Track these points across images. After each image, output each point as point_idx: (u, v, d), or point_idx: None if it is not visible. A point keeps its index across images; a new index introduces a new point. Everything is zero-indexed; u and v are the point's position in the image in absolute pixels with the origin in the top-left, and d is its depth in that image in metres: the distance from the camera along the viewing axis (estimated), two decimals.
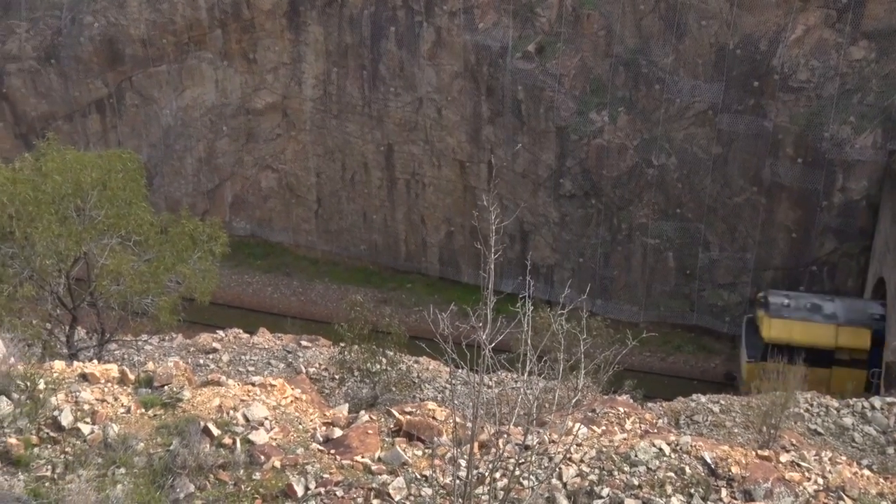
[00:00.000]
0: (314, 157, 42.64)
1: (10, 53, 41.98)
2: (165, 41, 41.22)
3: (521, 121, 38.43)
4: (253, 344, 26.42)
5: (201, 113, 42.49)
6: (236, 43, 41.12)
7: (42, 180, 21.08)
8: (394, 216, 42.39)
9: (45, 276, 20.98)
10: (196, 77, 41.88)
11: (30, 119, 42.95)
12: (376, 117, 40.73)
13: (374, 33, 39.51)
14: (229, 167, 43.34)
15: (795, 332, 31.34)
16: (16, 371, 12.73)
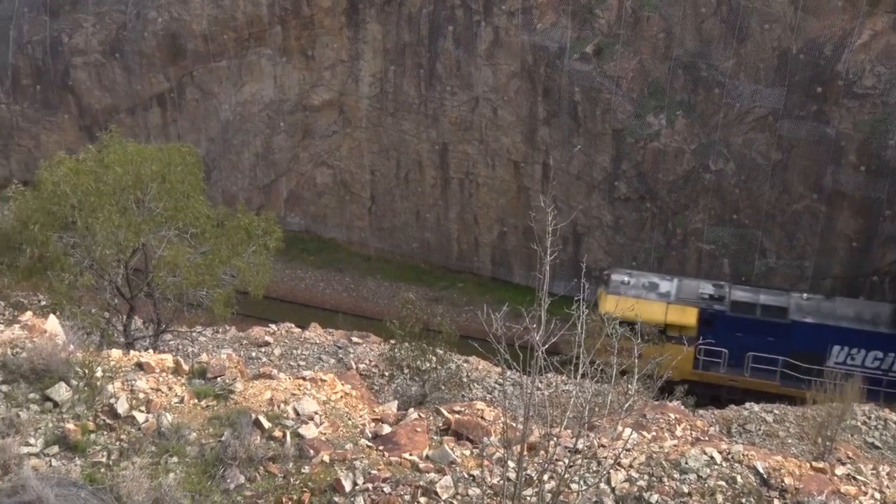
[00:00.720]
0: (369, 155, 42.85)
1: (77, 47, 42.83)
2: (226, 37, 41.73)
3: (577, 122, 38.19)
4: (304, 338, 26.64)
5: (259, 108, 42.94)
6: (295, 40, 41.47)
7: (104, 172, 21.43)
8: (447, 215, 42.43)
9: (104, 266, 21.35)
10: (255, 73, 42.34)
11: (94, 111, 43.78)
12: (432, 116, 40.80)
13: (432, 32, 39.58)
14: (285, 163, 43.74)
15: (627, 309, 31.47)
16: (75, 358, 12.98)
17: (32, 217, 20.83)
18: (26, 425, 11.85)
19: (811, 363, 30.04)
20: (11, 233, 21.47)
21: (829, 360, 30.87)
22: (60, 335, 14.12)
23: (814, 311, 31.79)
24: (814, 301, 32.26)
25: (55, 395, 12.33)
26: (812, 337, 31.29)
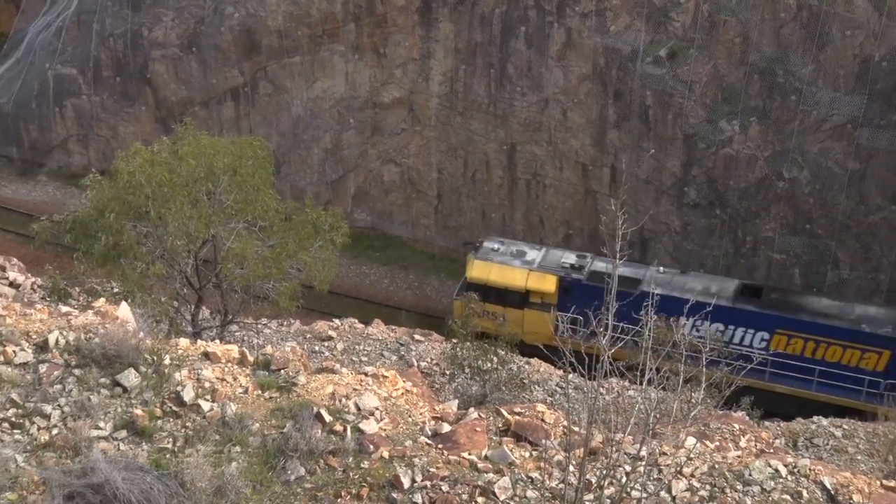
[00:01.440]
0: (437, 154, 42.96)
1: (156, 40, 43.74)
2: (300, 33, 42.22)
3: (648, 126, 37.76)
4: (367, 334, 26.80)
5: (330, 105, 43.36)
6: (368, 37, 41.77)
7: (178, 163, 21.80)
8: (512, 216, 42.33)
9: (175, 256, 21.73)
10: (327, 69, 42.76)
11: (170, 104, 44.67)
12: (501, 116, 40.73)
13: (504, 32, 39.50)
14: (354, 159, 44.09)
15: (493, 274, 34.17)
16: (144, 345, 13.23)
17: (108, 206, 21.28)
18: (96, 409, 12.12)
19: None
20: (88, 220, 21.97)
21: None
22: (131, 322, 14.42)
23: (664, 283, 32.74)
24: (668, 275, 33.56)
25: (125, 380, 12.58)
26: (660, 307, 30.31)
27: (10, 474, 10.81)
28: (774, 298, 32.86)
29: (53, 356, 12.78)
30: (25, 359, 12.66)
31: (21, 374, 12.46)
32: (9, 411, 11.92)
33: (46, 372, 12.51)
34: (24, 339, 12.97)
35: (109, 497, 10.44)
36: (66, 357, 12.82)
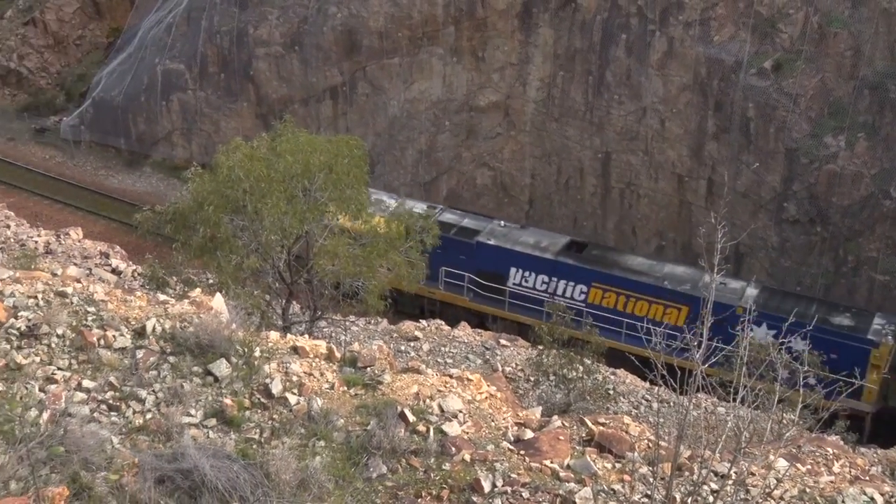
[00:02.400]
0: (531, 159, 42.82)
1: (261, 39, 44.71)
2: (401, 35, 42.61)
3: (748, 139, 36.92)
4: (453, 337, 26.87)
5: (426, 106, 43.63)
6: (467, 40, 41.90)
7: (275, 159, 22.20)
8: (605, 225, 41.89)
9: (269, 251, 22.14)
10: (425, 71, 43.04)
11: (270, 101, 45.60)
12: (597, 124, 40.37)
13: (604, 39, 39.15)
14: (447, 161, 44.27)
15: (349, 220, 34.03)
16: (236, 337, 13.51)
17: (208, 199, 21.80)
18: (188, 396, 12.42)
19: (493, 282, 34.78)
20: (188, 212, 22.55)
21: (509, 281, 34.81)
22: (225, 313, 14.73)
23: (500, 235, 35.48)
24: (506, 229, 36.10)
25: (216, 370, 12.87)
26: (494, 258, 34.86)
27: (107, 455, 11.15)
28: (594, 254, 35.33)
29: (150, 343, 13.15)
30: (124, 344, 13.06)
31: (119, 358, 12.86)
32: (107, 394, 12.31)
33: (143, 357, 12.88)
34: (123, 325, 13.38)
35: (197, 483, 10.69)
36: (162, 344, 13.18)
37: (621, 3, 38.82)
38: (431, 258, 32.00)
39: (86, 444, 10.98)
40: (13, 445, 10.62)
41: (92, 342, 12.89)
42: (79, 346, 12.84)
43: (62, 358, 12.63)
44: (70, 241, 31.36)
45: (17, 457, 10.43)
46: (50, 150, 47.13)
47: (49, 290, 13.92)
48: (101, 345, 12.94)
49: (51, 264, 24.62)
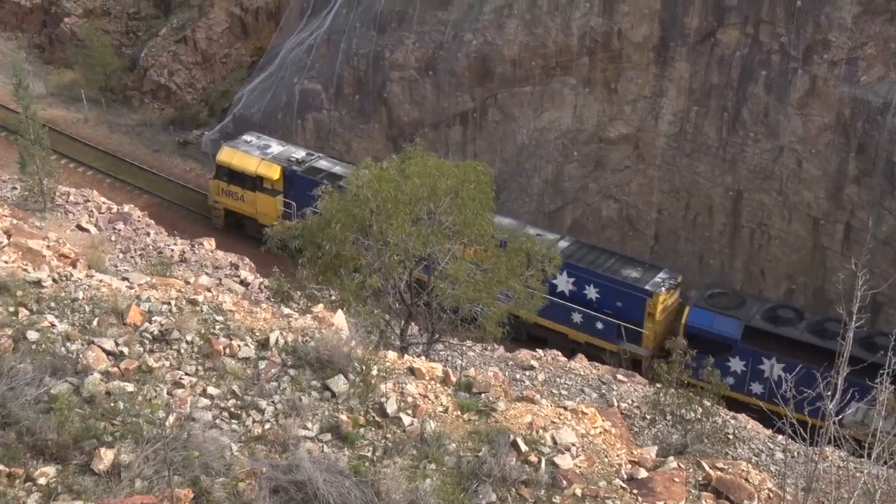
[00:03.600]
0: (659, 193, 42.13)
1: (396, 62, 45.59)
2: (534, 63, 42.73)
3: (893, 184, 35.37)
4: (569, 368, 26.57)
5: (555, 136, 43.54)
6: (601, 71, 41.68)
7: (403, 182, 22.53)
8: (732, 264, 40.76)
9: (391, 271, 22.44)
10: (556, 101, 42.99)
11: (402, 124, 46.38)
12: (730, 161, 39.42)
13: (743, 75, 38.27)
14: (573, 192, 44.00)
15: (234, 159, 40.44)
16: (355, 354, 13.73)
17: (335, 217, 22.29)
18: (306, 410, 12.68)
19: None
20: (315, 229, 23.10)
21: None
22: (345, 330, 15.00)
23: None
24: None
25: (334, 385, 13.10)
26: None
27: (225, 461, 11.47)
28: None
29: (272, 354, 13.49)
30: (248, 354, 13.45)
31: (243, 367, 13.24)
32: (229, 401, 12.68)
33: (265, 369, 13.22)
34: (248, 336, 13.78)
35: (310, 496, 10.88)
36: (284, 357, 13.50)
37: (763, 40, 37.90)
38: (300, 199, 38.12)
39: (207, 450, 11.32)
40: (140, 445, 11.04)
41: (218, 350, 13.31)
42: (206, 353, 13.28)
43: (190, 364, 13.09)
44: (203, 252, 32.57)
45: (143, 456, 10.84)
46: (191, 163, 49.10)
47: (181, 297, 14.47)
48: (227, 353, 13.34)
49: (184, 272, 25.64)
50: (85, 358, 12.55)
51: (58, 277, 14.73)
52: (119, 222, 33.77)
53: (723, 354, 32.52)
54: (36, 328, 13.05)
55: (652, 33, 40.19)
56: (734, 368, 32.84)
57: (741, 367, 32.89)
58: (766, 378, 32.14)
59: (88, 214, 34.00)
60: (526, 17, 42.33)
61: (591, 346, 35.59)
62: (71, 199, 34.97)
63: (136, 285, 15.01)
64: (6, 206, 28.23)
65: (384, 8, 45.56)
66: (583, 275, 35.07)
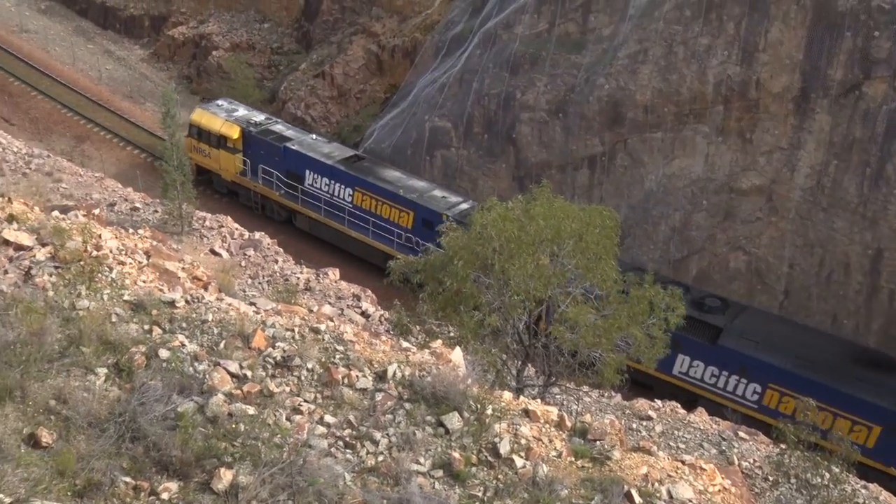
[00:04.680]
0: (791, 247, 40.76)
1: (527, 103, 45.85)
2: (666, 110, 42.24)
3: None
4: (688, 421, 25.86)
5: (685, 184, 42.79)
6: (735, 121, 40.84)
7: (528, 222, 22.52)
8: (868, 326, 38.97)
9: (511, 311, 22.39)
10: (687, 148, 42.32)
11: (529, 164, 46.49)
12: (870, 218, 37.86)
13: (889, 130, 36.80)
14: (700, 241, 43.05)
15: (204, 119, 44.93)
16: (471, 392, 13.72)
17: (458, 253, 22.44)
18: (419, 445, 12.72)
19: (295, 181, 42.66)
20: (437, 265, 23.30)
21: (305, 182, 42.25)
22: (462, 368, 15.02)
23: (304, 144, 43.27)
24: (316, 142, 44.03)
25: (448, 422, 13.10)
26: (296, 162, 42.44)
27: (338, 490, 11.60)
28: (363, 165, 42.69)
29: (389, 387, 13.61)
30: (365, 385, 13.61)
31: (360, 398, 13.40)
32: (345, 431, 12.84)
33: (381, 401, 13.34)
34: (367, 367, 13.96)
35: None
36: (400, 390, 13.61)
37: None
38: (254, 157, 44.04)
39: (321, 478, 11.47)
40: (259, 468, 11.29)
41: (337, 379, 13.52)
42: (325, 381, 13.51)
43: (309, 391, 13.34)
44: (327, 281, 33.28)
45: (260, 479, 11.07)
46: None
47: (305, 325, 14.79)
48: (345, 383, 13.54)
49: (309, 301, 26.22)
50: (210, 379, 12.95)
51: (190, 299, 15.29)
52: (250, 248, 34.89)
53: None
54: (167, 347, 13.56)
55: (792, 84, 39.19)
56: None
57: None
58: None
59: (222, 239, 35.28)
60: (661, 63, 41.96)
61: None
62: (206, 224, 36.38)
63: (263, 311, 15.44)
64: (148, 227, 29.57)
65: (518, 50, 45.99)
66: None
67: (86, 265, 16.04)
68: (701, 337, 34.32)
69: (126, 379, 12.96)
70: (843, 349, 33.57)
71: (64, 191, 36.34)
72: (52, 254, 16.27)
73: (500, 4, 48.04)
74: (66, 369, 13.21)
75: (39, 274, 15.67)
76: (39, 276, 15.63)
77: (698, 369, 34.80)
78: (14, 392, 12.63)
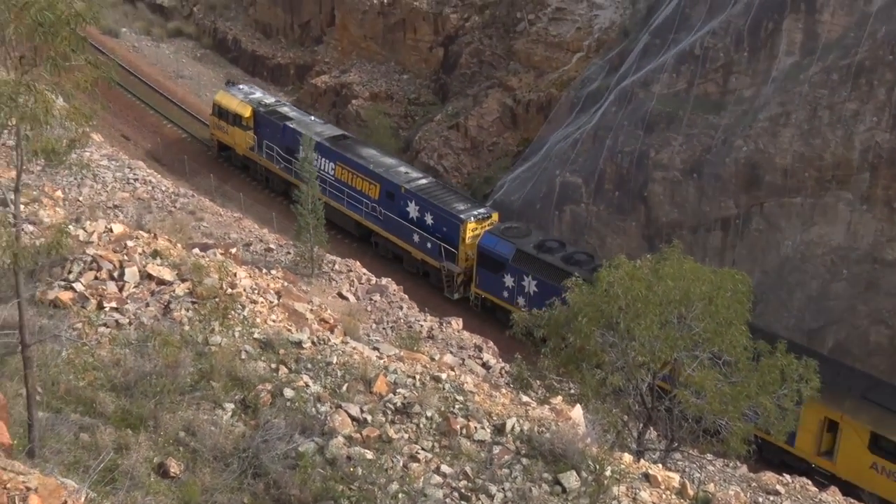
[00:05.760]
0: None
1: (660, 162, 45.33)
2: (807, 175, 40.99)
3: None
4: (820, 500, 24.66)
5: (824, 251, 41.26)
6: (883, 189, 39.25)
7: (656, 282, 22.15)
8: None
9: (634, 372, 21.96)
10: (829, 215, 40.86)
11: (660, 224, 45.80)
12: None
13: None
14: (839, 312, 41.29)
15: (224, 100, 50.93)
16: (590, 452, 13.49)
17: (583, 310, 22.22)
18: (535, 501, 12.56)
19: (291, 156, 46.53)
20: (562, 320, 23.12)
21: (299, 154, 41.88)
22: (582, 426, 14.81)
23: (301, 123, 48.65)
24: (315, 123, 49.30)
25: (565, 481, 12.90)
26: (292, 138, 46.75)
27: None
28: (346, 143, 47.43)
29: (507, 441, 13.53)
30: (483, 437, 13.57)
31: (477, 450, 13.36)
32: (461, 482, 12.81)
33: (499, 454, 13.27)
34: (485, 419, 13.93)
35: None
36: (518, 444, 13.50)
37: None
38: (261, 134, 50.01)
39: None
40: None
41: (455, 429, 13.53)
42: (443, 430, 13.54)
43: (427, 439, 13.38)
44: (450, 330, 33.46)
45: None
46: None
47: (426, 372, 14.90)
48: (463, 434, 13.53)
49: (431, 349, 26.39)
50: (332, 420, 13.16)
51: (316, 340, 15.64)
52: (376, 294, 35.48)
53: (500, 272, 40.32)
54: (292, 386, 13.88)
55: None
56: (507, 284, 40.20)
57: (511, 283, 40.13)
58: (526, 292, 39.61)
59: (349, 283, 36.02)
60: (804, 127, 40.83)
61: (425, 262, 43.66)
62: (336, 268, 37.25)
63: (386, 356, 15.64)
64: (280, 268, 30.48)
65: (654, 108, 45.63)
66: (424, 204, 43.15)
67: (220, 302, 16.64)
68: None
69: (251, 415, 13.32)
70: None
71: (205, 229, 37.94)
72: (191, 289, 16.96)
73: (637, 63, 47.90)
74: (196, 402, 13.68)
75: (177, 308, 16.35)
76: (177, 310, 16.30)
77: None
78: (148, 421, 13.16)
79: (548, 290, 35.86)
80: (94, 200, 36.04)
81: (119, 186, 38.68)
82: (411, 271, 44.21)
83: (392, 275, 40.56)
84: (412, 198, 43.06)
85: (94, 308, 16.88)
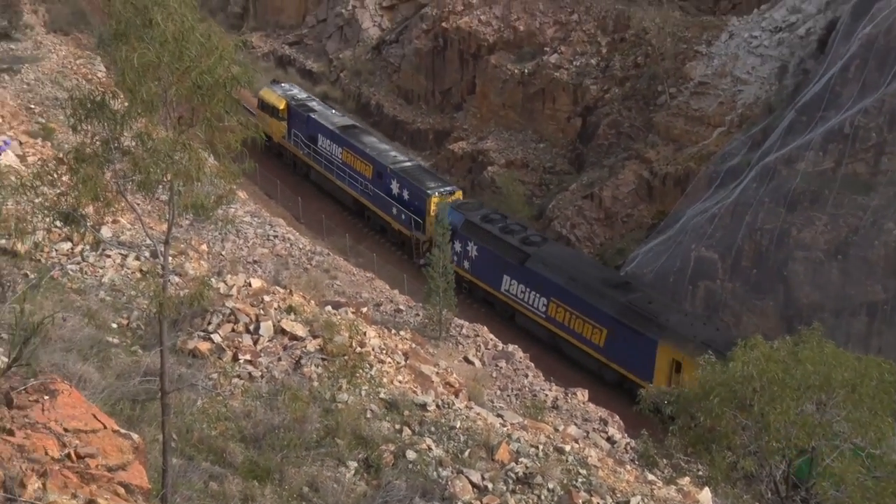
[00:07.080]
0: None
1: (802, 242, 43.89)
2: None
3: None
4: None
5: None
6: None
7: (794, 365, 21.27)
8: None
9: (768, 457, 21.03)
10: None
11: (799, 305, 44.15)
12: None
13: None
14: None
15: (266, 95, 58.33)
16: None
17: (715, 390, 21.49)
18: None
19: (312, 143, 55.11)
20: (692, 398, 22.41)
21: (318, 144, 54.45)
22: None
23: (322, 114, 55.83)
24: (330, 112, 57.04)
25: None
26: (314, 127, 54.94)
27: None
28: (354, 131, 54.32)
29: None
30: None
31: None
32: None
33: None
34: (608, 495, 13.59)
35: None
36: None
37: None
38: (292, 124, 56.89)
39: None
40: None
41: (577, 503, 13.23)
42: (564, 503, 13.25)
43: None
44: (576, 401, 32.93)
45: None
46: None
47: (549, 443, 14.68)
48: None
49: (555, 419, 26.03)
50: (453, 486, 13.08)
51: (441, 404, 15.66)
52: (502, 360, 35.33)
53: (452, 239, 42.53)
54: (415, 448, 13.90)
55: None
56: (456, 249, 45.03)
57: (458, 248, 45.49)
58: (471, 256, 46.01)
59: (476, 348, 36.03)
60: None
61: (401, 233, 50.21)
62: (463, 332, 37.35)
63: (509, 424, 15.51)
64: (409, 330, 30.82)
65: (798, 186, 44.38)
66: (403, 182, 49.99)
67: (349, 360, 16.91)
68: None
69: (374, 475, 13.39)
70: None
71: (338, 287, 38.81)
72: (321, 346, 17.31)
73: (782, 139, 46.82)
74: (320, 458, 13.87)
75: (308, 364, 16.70)
76: (308, 366, 16.65)
77: None
78: (274, 474, 13.40)
79: (485, 255, 45.17)
80: (236, 255, 37.49)
81: (259, 242, 40.14)
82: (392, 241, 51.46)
83: (519, 341, 40.35)
84: (395, 176, 50.48)
85: (229, 359, 17.43)
